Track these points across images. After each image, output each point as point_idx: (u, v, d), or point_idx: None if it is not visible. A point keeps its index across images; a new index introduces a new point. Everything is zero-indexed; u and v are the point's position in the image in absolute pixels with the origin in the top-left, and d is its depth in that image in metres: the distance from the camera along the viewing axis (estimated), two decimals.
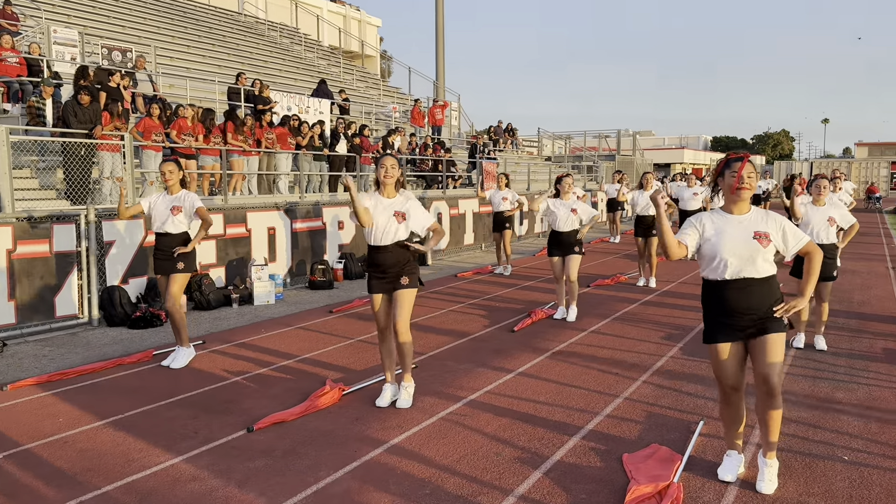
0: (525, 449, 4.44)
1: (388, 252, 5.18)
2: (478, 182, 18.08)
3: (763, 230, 3.73)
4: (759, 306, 3.71)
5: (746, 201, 3.79)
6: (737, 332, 3.76)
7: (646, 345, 7.12)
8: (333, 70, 27.98)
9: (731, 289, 3.75)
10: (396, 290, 5.18)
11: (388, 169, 5.17)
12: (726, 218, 3.82)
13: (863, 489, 3.82)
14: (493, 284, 11.15)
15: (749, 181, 3.70)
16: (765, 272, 3.72)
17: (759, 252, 3.68)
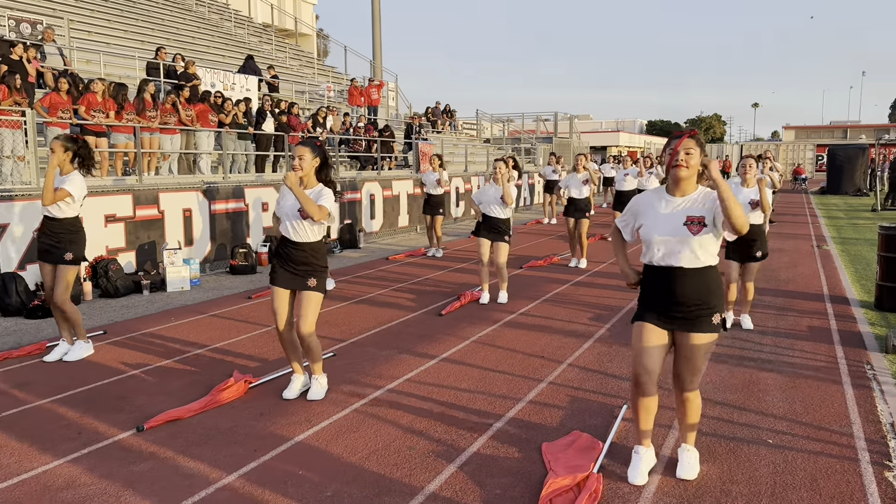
0: (441, 441, 4.16)
1: (300, 249, 4.78)
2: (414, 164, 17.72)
3: (698, 214, 3.41)
4: (692, 301, 3.42)
5: (687, 181, 3.45)
6: (665, 320, 3.51)
7: (574, 326, 6.94)
8: (265, 47, 27.04)
9: (663, 277, 3.49)
10: (303, 290, 4.77)
11: (296, 160, 4.73)
12: (663, 199, 3.54)
13: (786, 474, 3.68)
14: (424, 267, 10.85)
15: (686, 159, 3.40)
16: (699, 263, 3.42)
17: (689, 240, 3.39)
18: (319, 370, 4.94)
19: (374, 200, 14.46)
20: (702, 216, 3.39)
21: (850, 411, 4.57)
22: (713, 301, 3.43)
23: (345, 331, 6.80)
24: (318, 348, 4.90)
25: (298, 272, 4.76)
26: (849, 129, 70.53)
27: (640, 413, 3.65)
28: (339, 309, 7.75)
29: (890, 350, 5.91)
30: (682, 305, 3.43)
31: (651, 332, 3.53)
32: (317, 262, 4.78)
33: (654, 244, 3.49)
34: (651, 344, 3.53)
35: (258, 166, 14.19)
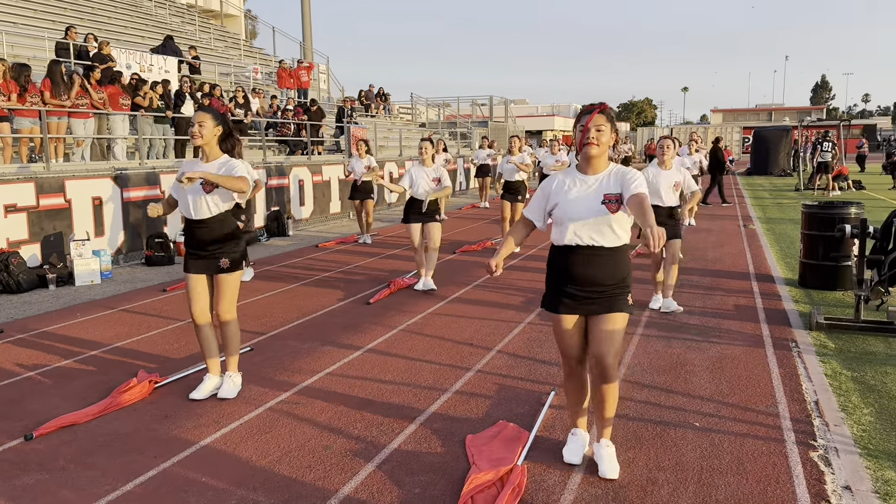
0: (360, 439, 3.92)
1: (205, 227, 4.44)
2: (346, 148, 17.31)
3: (615, 192, 3.25)
4: (604, 279, 3.29)
5: (598, 159, 3.29)
6: (577, 304, 3.35)
7: (505, 312, 6.78)
8: (188, 28, 25.95)
9: (574, 257, 3.32)
10: (217, 273, 4.46)
11: (196, 126, 4.38)
12: (576, 178, 3.37)
13: (713, 459, 3.59)
14: (354, 254, 10.54)
15: (597, 136, 3.23)
16: (614, 242, 3.28)
17: (606, 218, 3.24)
18: (234, 366, 4.63)
19: (303, 186, 14.01)
20: (618, 194, 3.24)
21: (775, 391, 4.54)
22: (626, 281, 3.34)
23: (265, 323, 6.46)
24: (237, 339, 4.60)
25: (209, 254, 4.43)
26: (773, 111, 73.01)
27: (574, 399, 3.60)
28: (259, 300, 7.39)
29: (814, 327, 5.96)
30: (596, 285, 3.29)
31: (567, 321, 3.41)
32: (225, 237, 4.45)
33: (570, 225, 3.31)
34: (573, 331, 3.43)
35: (177, 151, 13.56)
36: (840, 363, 5.09)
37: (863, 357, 5.23)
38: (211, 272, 4.47)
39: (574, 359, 3.48)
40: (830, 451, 3.64)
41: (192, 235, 4.48)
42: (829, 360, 5.17)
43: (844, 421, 4.04)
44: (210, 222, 4.42)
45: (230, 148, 4.52)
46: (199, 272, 4.48)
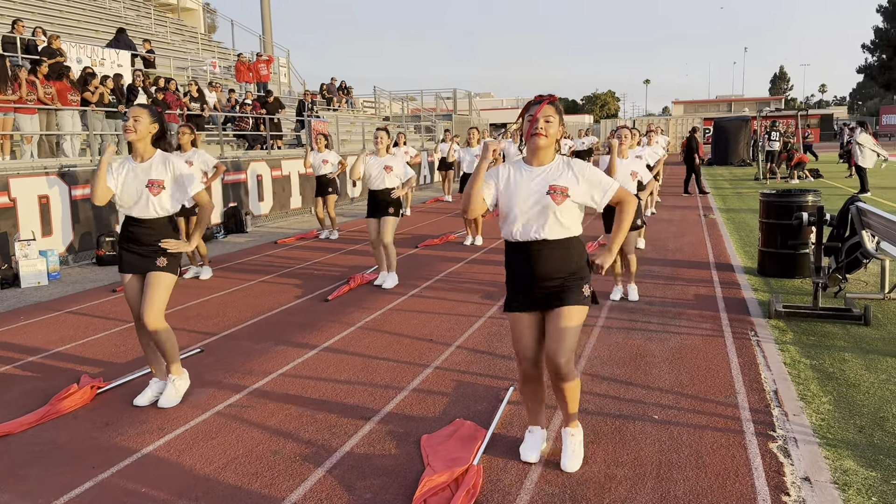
0: (310, 442, 3.77)
1: (146, 227, 4.24)
2: (307, 142, 17.02)
3: (561, 184, 3.17)
4: (557, 273, 3.19)
5: (546, 151, 3.21)
6: (533, 301, 3.27)
7: (465, 306, 6.68)
8: (143, 21, 25.32)
9: (524, 251, 3.23)
10: (154, 270, 4.24)
11: (130, 120, 4.18)
12: (523, 170, 3.28)
13: (671, 452, 3.52)
14: (314, 250, 10.34)
15: (545, 127, 3.13)
16: (562, 234, 3.19)
17: (551, 210, 3.15)
18: (178, 369, 4.43)
19: (261, 181, 13.73)
20: (565, 186, 3.17)
21: (735, 381, 4.50)
22: (581, 272, 3.24)
23: (217, 323, 6.26)
24: (173, 343, 4.37)
25: (147, 253, 4.23)
26: (733, 102, 74.06)
27: (531, 401, 3.52)
28: (213, 300, 7.17)
29: (773, 315, 5.96)
30: (549, 279, 3.21)
31: (522, 320, 3.33)
32: (165, 237, 4.26)
33: (516, 217, 3.22)
34: (528, 332, 3.34)
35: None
36: (799, 351, 5.08)
37: (821, 344, 5.23)
38: (148, 269, 4.25)
39: (529, 361, 3.37)
40: (789, 442, 3.60)
41: (129, 233, 4.28)
42: (787, 348, 5.16)
43: (803, 410, 4.02)
44: (153, 223, 4.23)
45: (163, 150, 4.34)
46: (133, 271, 4.27)
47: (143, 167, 4.22)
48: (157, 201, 4.20)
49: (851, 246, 6.54)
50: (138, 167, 4.23)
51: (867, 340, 5.30)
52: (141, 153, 4.23)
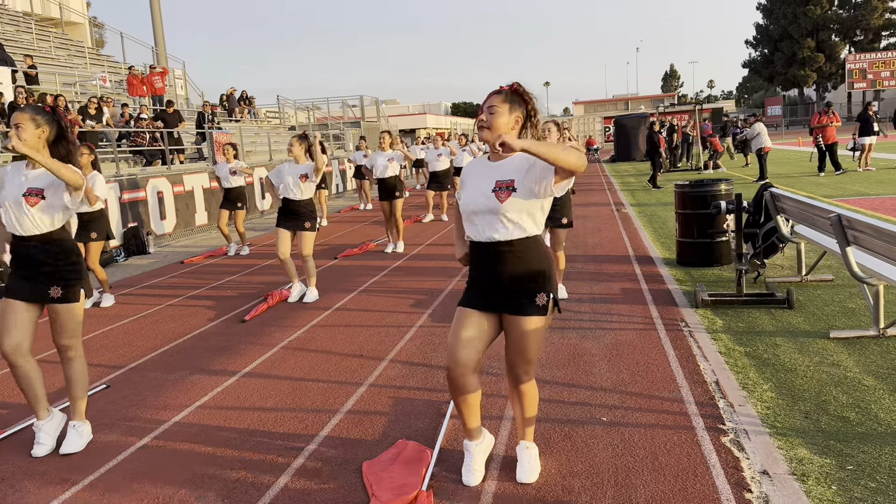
0: (239, 482, 3.41)
1: (32, 246, 3.75)
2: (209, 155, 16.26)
3: (507, 178, 2.93)
4: (509, 278, 2.96)
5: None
6: (487, 303, 3.03)
7: (394, 316, 6.40)
8: (25, 37, 23.67)
9: (479, 252, 3.03)
10: (48, 302, 3.77)
11: (15, 127, 3.69)
12: (483, 165, 3.08)
13: (626, 456, 3.38)
14: (225, 268, 9.78)
15: (489, 119, 2.92)
16: (509, 234, 2.94)
17: (497, 207, 2.92)
18: (81, 413, 3.94)
19: (162, 198, 12.96)
20: (511, 180, 2.92)
21: (675, 374, 4.44)
22: (536, 279, 2.98)
23: (123, 355, 5.72)
24: (85, 380, 3.91)
25: (38, 278, 3.74)
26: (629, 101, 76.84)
27: (461, 409, 3.17)
28: (117, 329, 6.59)
29: (700, 304, 6.00)
30: (501, 285, 2.98)
31: (469, 318, 3.04)
32: (59, 260, 3.77)
33: (468, 216, 3.01)
34: (466, 332, 3.03)
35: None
36: (731, 339, 5.10)
37: (751, 331, 5.27)
38: (39, 300, 3.78)
39: (460, 367, 3.01)
40: (741, 434, 3.53)
41: (17, 254, 3.78)
42: (720, 336, 5.17)
43: (747, 399, 3.98)
44: (38, 239, 3.74)
45: (64, 154, 3.83)
46: (22, 298, 3.74)
47: (33, 174, 3.76)
48: (37, 213, 3.71)
49: (767, 231, 6.70)
50: (29, 173, 3.77)
51: (793, 324, 5.38)
52: (34, 164, 3.76)
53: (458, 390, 3.09)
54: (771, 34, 70.45)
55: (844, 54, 65.23)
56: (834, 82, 69.27)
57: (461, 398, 3.12)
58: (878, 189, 13.82)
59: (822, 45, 67.57)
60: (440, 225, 13.19)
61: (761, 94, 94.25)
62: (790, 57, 68.28)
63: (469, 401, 3.13)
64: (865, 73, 55.47)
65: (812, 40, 66.96)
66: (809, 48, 66.85)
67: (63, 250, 3.81)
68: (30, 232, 3.73)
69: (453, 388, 3.10)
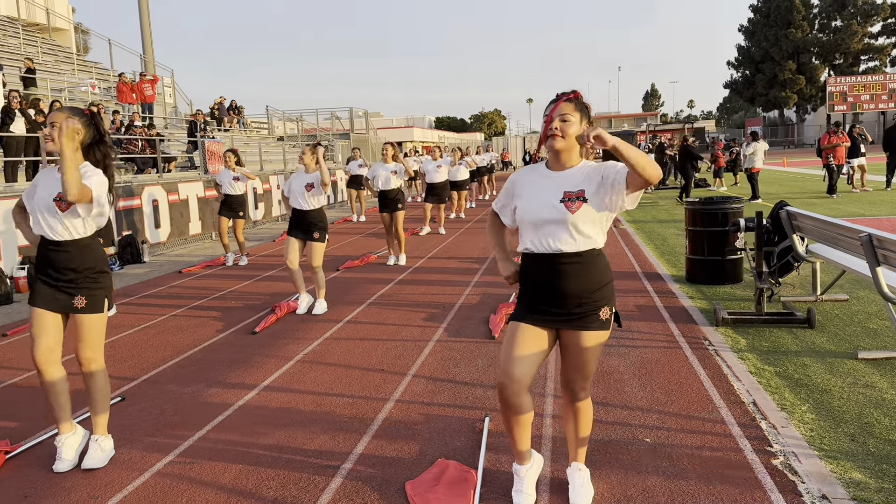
0: (277, 501, 3.28)
1: (63, 252, 3.61)
2: (201, 164, 16.06)
3: (576, 189, 2.83)
4: (573, 291, 2.86)
5: (566, 153, 2.87)
6: (545, 318, 2.93)
7: (408, 330, 6.29)
8: (12, 42, 23.33)
9: (539, 265, 2.91)
10: (72, 312, 3.63)
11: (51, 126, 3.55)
12: (541, 175, 2.97)
13: (679, 479, 3.30)
14: (226, 278, 9.61)
15: (562, 127, 2.81)
16: (580, 246, 2.85)
17: (566, 218, 2.82)
18: (103, 427, 3.78)
19: (157, 207, 12.75)
20: (581, 190, 2.84)
21: (710, 394, 4.38)
22: (601, 292, 2.91)
23: (134, 366, 5.56)
24: (106, 393, 3.77)
25: (61, 285, 3.59)
26: (613, 118, 77.67)
27: (512, 430, 3.05)
28: (123, 339, 6.41)
29: (720, 323, 5.96)
30: (563, 299, 2.88)
31: (525, 333, 2.93)
32: (87, 268, 3.62)
33: (530, 227, 2.92)
34: (522, 350, 2.92)
35: (8, 174, 11.91)
36: (758, 359, 5.05)
37: (777, 351, 5.23)
38: (65, 310, 3.64)
39: (514, 384, 2.90)
40: (790, 457, 3.47)
41: (44, 260, 3.64)
42: (746, 356, 5.12)
43: (789, 421, 3.92)
44: (69, 246, 3.60)
45: (101, 158, 3.70)
46: (48, 307, 3.60)
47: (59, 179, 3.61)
48: (68, 220, 3.58)
49: (783, 250, 6.69)
50: (55, 175, 3.63)
51: (817, 344, 5.35)
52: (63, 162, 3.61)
53: (511, 409, 2.98)
54: (752, 56, 71.61)
55: (824, 77, 66.45)
56: (814, 104, 70.50)
57: (514, 418, 3.01)
58: (873, 210, 13.98)
59: (802, 68, 68.81)
60: (438, 238, 13.10)
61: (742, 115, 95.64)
62: (771, 78, 69.42)
63: (522, 421, 3.03)
64: (846, 95, 56.49)
65: (793, 63, 68.17)
66: (790, 70, 68.03)
67: (90, 258, 3.67)
68: (61, 237, 3.59)
69: (506, 407, 2.99)
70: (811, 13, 68.78)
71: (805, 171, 29.80)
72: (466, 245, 12.01)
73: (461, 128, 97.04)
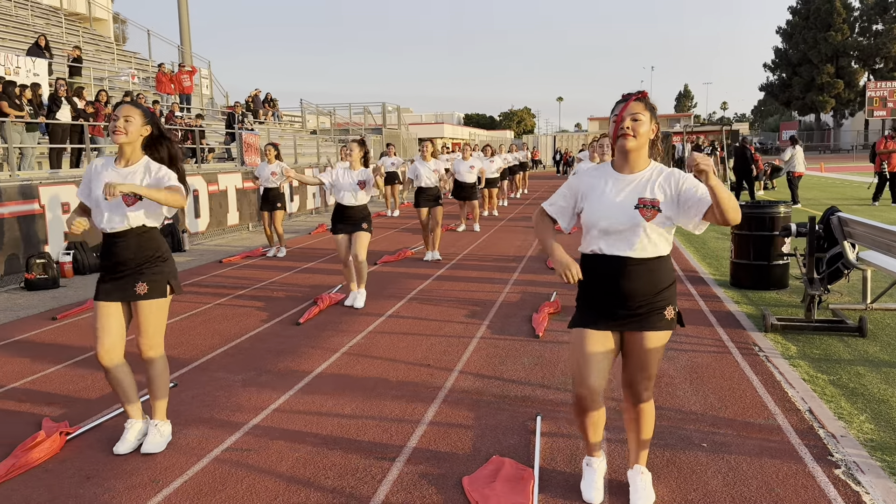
0: (337, 491, 3.31)
1: (123, 241, 3.66)
2: (238, 156, 16.25)
3: (651, 197, 2.82)
4: (642, 293, 2.85)
5: (636, 154, 2.85)
6: (609, 321, 2.92)
7: (451, 326, 6.30)
8: (55, 31, 23.77)
9: (605, 268, 2.89)
10: (134, 300, 3.67)
11: (121, 120, 3.61)
12: (609, 176, 2.93)
13: (740, 486, 3.26)
14: (267, 269, 9.71)
15: (633, 127, 2.79)
16: (651, 252, 2.84)
17: (640, 225, 2.80)
18: (162, 412, 3.85)
19: (197, 197, 12.93)
20: (656, 199, 2.82)
21: (764, 400, 4.32)
22: (666, 293, 2.90)
23: (184, 353, 5.64)
24: (166, 380, 3.83)
25: (125, 273, 3.64)
26: None
27: (587, 430, 3.08)
28: (171, 326, 6.51)
29: (769, 329, 5.88)
30: (631, 300, 2.86)
31: (594, 339, 2.92)
32: (148, 255, 3.67)
33: (600, 232, 2.89)
34: (595, 359, 2.91)
35: (53, 161, 12.15)
36: (811, 366, 4.98)
37: (829, 358, 5.15)
38: (127, 299, 3.69)
39: (592, 393, 2.93)
40: (852, 468, 3.41)
41: (107, 252, 3.70)
42: (798, 363, 5.05)
43: (847, 430, 3.86)
44: (129, 235, 3.66)
45: (167, 157, 3.77)
46: (110, 298, 3.66)
47: (124, 172, 3.67)
48: (132, 212, 3.63)
49: (833, 256, 6.59)
50: (122, 171, 3.68)
51: (870, 353, 5.26)
52: (128, 157, 3.68)
53: (587, 414, 3.00)
54: (790, 59, 70.43)
55: (863, 81, 65.14)
56: (851, 109, 69.16)
57: (589, 420, 3.04)
58: None
59: (841, 72, 67.50)
60: (473, 235, 13.10)
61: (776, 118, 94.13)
62: (809, 82, 68.21)
63: (595, 419, 3.04)
64: (886, 101, 55.29)
65: (832, 66, 66.93)
66: (829, 74, 66.80)
67: (151, 246, 3.71)
68: (123, 228, 3.64)
69: (582, 413, 3.01)
70: (852, 16, 67.46)
71: (844, 176, 29.29)
72: (502, 243, 11.99)
73: (490, 125, 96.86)
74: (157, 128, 3.73)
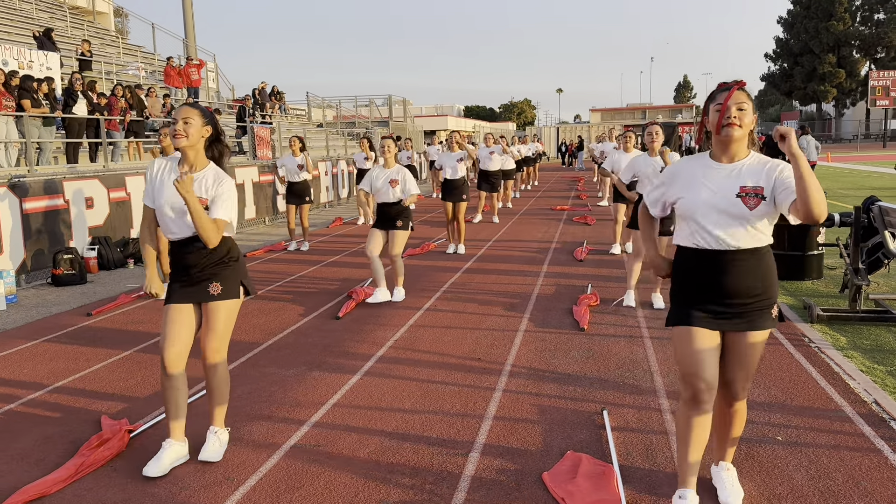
0: (416, 488, 3.27)
1: (193, 247, 3.52)
2: (249, 149, 16.15)
3: (754, 185, 2.73)
4: (747, 289, 2.76)
5: (739, 143, 2.77)
6: (715, 318, 2.82)
7: (492, 319, 6.26)
8: (59, 24, 23.61)
9: (709, 262, 2.79)
10: (207, 300, 3.56)
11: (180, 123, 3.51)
12: (708, 166, 2.84)
13: (824, 479, 3.23)
14: (292, 263, 9.66)
15: (739, 116, 2.70)
16: (755, 242, 2.76)
17: (744, 215, 2.72)
18: (221, 419, 3.71)
19: None
20: (759, 187, 2.74)
21: (828, 392, 4.29)
22: (772, 290, 2.82)
23: (229, 349, 5.58)
24: (227, 386, 3.69)
25: (197, 276, 3.54)
26: (647, 110, 76.68)
27: (692, 442, 2.87)
28: None
29: (815, 320, 5.84)
30: (736, 297, 2.77)
31: (700, 335, 2.81)
32: (220, 257, 3.55)
33: (699, 222, 2.81)
34: (707, 353, 2.80)
35: (70, 156, 12.07)
36: (865, 357, 4.94)
37: (881, 349, 5.12)
38: (201, 300, 3.57)
39: (710, 390, 2.80)
40: None
41: (175, 258, 3.59)
42: (851, 354, 5.02)
43: None
44: (198, 240, 3.51)
45: (217, 156, 3.67)
46: (183, 300, 3.54)
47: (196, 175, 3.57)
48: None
49: (873, 246, 6.55)
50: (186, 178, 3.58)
51: None
52: (192, 161, 3.55)
53: (699, 413, 2.85)
54: (791, 48, 70.22)
55: (865, 71, 65.00)
56: (853, 99, 69.02)
57: (697, 421, 2.86)
58: None
59: (843, 62, 67.34)
60: (493, 227, 13.05)
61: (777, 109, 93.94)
62: (810, 72, 68.04)
63: (705, 424, 2.88)
64: (888, 90, 55.19)
65: (833, 56, 66.75)
66: (830, 64, 66.63)
67: (222, 247, 3.59)
68: (187, 234, 3.52)
69: (697, 412, 2.85)
70: (853, 5, 67.22)
71: (851, 166, 29.24)
72: (523, 234, 11.95)
73: (490, 117, 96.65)
74: (216, 129, 3.63)
